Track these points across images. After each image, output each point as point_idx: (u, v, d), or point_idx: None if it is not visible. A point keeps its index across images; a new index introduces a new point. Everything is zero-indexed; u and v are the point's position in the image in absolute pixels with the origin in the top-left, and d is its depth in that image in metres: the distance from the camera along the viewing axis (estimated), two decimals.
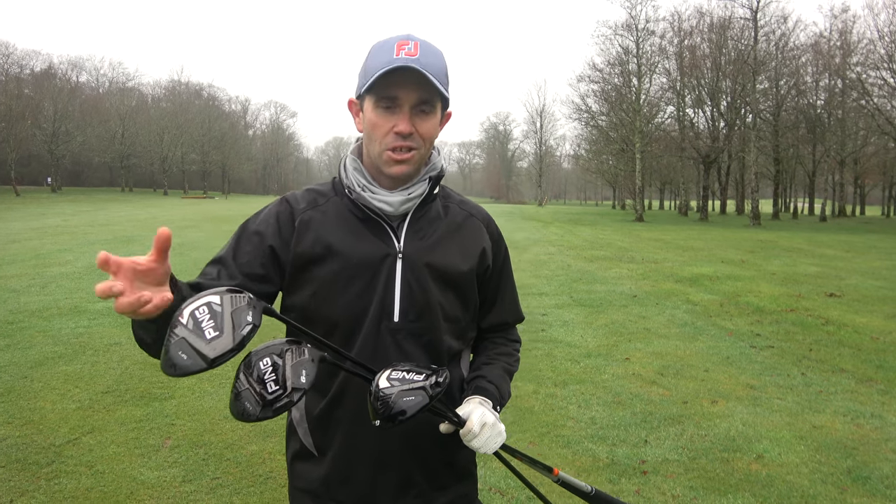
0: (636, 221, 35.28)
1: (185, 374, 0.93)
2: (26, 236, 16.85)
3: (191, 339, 0.94)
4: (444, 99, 1.28)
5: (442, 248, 1.35)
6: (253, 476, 3.49)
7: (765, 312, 8.29)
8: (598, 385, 5.18)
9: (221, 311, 0.97)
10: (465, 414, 1.26)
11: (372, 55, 1.27)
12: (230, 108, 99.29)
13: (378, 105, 1.25)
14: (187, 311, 0.97)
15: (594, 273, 12.03)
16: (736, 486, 3.44)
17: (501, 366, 1.46)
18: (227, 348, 0.94)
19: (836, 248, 18.33)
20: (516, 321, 1.57)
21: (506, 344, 1.53)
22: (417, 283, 1.31)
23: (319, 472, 1.35)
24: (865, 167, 45.81)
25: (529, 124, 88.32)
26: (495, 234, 1.47)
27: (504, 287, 1.51)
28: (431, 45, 1.27)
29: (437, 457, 1.37)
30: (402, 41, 1.24)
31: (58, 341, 6.16)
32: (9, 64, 58.67)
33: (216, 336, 0.95)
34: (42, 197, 46.77)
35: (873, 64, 35.38)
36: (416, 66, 1.20)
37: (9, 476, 3.42)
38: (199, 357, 0.93)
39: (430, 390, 1.06)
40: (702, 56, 39.76)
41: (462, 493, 1.42)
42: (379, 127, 1.26)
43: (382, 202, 1.30)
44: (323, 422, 1.34)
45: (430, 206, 1.38)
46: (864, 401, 4.87)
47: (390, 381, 1.09)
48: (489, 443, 1.26)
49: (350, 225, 1.33)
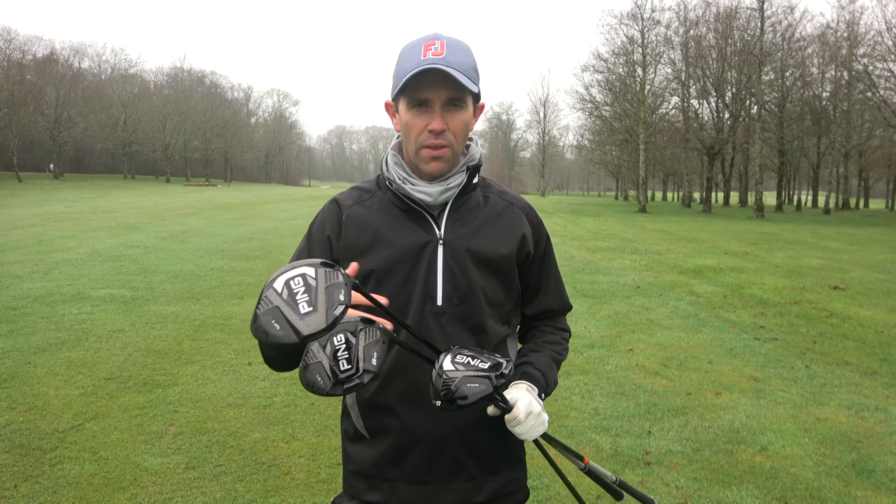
0: (639, 212, 35.21)
1: (276, 343, 0.91)
2: (29, 222, 16.85)
3: (284, 310, 0.91)
4: (474, 93, 1.33)
5: (482, 234, 1.39)
6: (256, 464, 3.49)
7: (768, 305, 8.26)
8: (602, 376, 5.17)
9: (316, 286, 0.94)
10: (513, 399, 1.26)
11: (402, 58, 1.32)
12: (233, 95, 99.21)
13: (410, 106, 1.31)
14: (282, 280, 0.94)
15: (597, 264, 12.00)
16: (740, 478, 3.43)
17: (549, 353, 1.48)
18: (320, 327, 0.91)
19: (840, 241, 18.27)
20: (563, 309, 1.58)
21: (553, 332, 1.55)
22: (459, 268, 1.36)
23: (371, 454, 1.38)
24: (870, 160, 45.51)
25: (533, 114, 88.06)
26: (535, 221, 1.50)
27: (548, 274, 1.53)
28: (458, 42, 1.31)
29: (488, 442, 1.39)
30: (429, 41, 1.28)
31: (61, 327, 6.16)
32: (11, 49, 58.46)
33: (310, 312, 0.91)
34: (44, 183, 46.76)
35: (880, 55, 35.12)
36: (443, 65, 1.24)
37: (13, 461, 3.42)
38: (291, 330, 0.90)
39: (494, 380, 1.06)
40: (707, 46, 39.46)
41: (512, 479, 1.44)
42: (413, 127, 1.31)
43: (422, 192, 1.35)
44: (374, 404, 1.37)
45: (469, 196, 1.42)
46: (869, 394, 4.85)
47: (455, 364, 1.08)
48: (532, 430, 1.27)
49: (393, 216, 1.39)
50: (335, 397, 1.01)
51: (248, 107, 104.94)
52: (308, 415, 4.16)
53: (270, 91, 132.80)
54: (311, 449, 3.68)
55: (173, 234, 14.92)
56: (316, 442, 3.77)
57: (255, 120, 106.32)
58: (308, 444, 3.75)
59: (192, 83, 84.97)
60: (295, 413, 4.18)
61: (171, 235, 14.51)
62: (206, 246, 12.82)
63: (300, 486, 3.26)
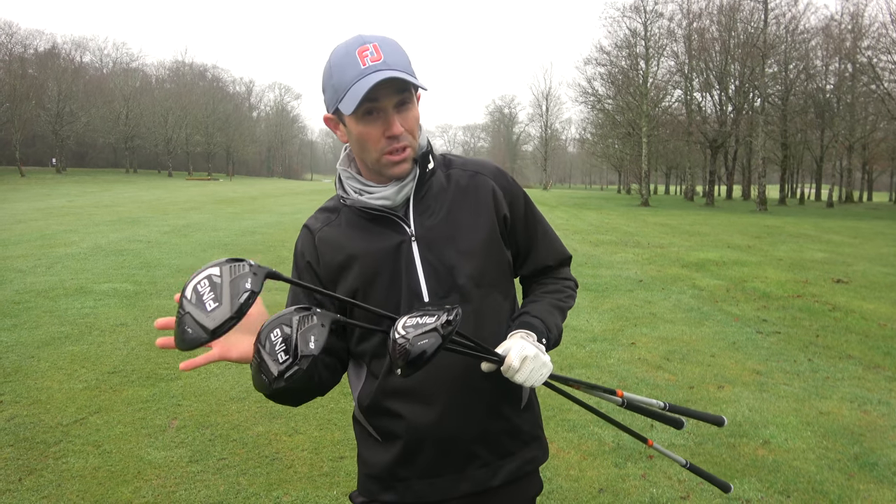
0: (642, 206, 35.13)
1: (192, 346, 0.97)
2: (32, 217, 16.89)
3: (194, 313, 0.97)
4: None
5: (452, 217, 1.36)
6: (259, 457, 3.50)
7: (771, 298, 8.25)
8: (604, 369, 5.17)
9: (220, 282, 0.99)
10: (504, 350, 1.24)
11: (336, 69, 1.25)
12: (234, 89, 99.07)
13: (361, 116, 1.26)
14: (190, 286, 0.99)
15: (599, 257, 11.99)
16: (742, 472, 3.44)
17: (548, 301, 1.46)
18: (225, 317, 0.96)
19: (843, 234, 18.22)
20: (561, 262, 1.54)
21: (554, 282, 1.52)
22: (439, 261, 1.33)
23: (383, 457, 1.38)
24: (874, 153, 45.30)
25: (535, 107, 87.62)
26: (506, 183, 1.44)
27: (534, 232, 1.48)
28: (387, 40, 1.26)
29: (498, 427, 1.37)
30: (361, 47, 1.23)
31: (64, 321, 6.18)
32: (12, 43, 58.39)
33: (216, 307, 0.97)
34: (47, 178, 46.83)
35: (884, 48, 34.91)
36: (389, 70, 1.21)
37: (17, 455, 3.44)
38: (201, 329, 0.96)
39: (441, 329, 1.05)
40: (710, 39, 39.26)
41: (529, 458, 1.43)
42: (369, 136, 1.27)
43: (381, 199, 1.33)
44: (376, 409, 1.37)
45: (430, 182, 1.38)
46: (872, 387, 4.85)
47: (405, 328, 1.08)
48: (534, 375, 1.23)
49: (361, 228, 1.37)
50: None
51: (249, 101, 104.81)
52: (311, 408, 4.17)
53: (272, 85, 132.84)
54: (314, 442, 3.69)
55: (176, 228, 14.93)
56: (319, 435, 3.78)
57: (256, 114, 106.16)
58: (311, 437, 3.76)
59: (194, 77, 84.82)
60: (297, 407, 4.19)
61: (174, 230, 14.53)
62: (209, 240, 12.84)
63: (303, 480, 3.27)
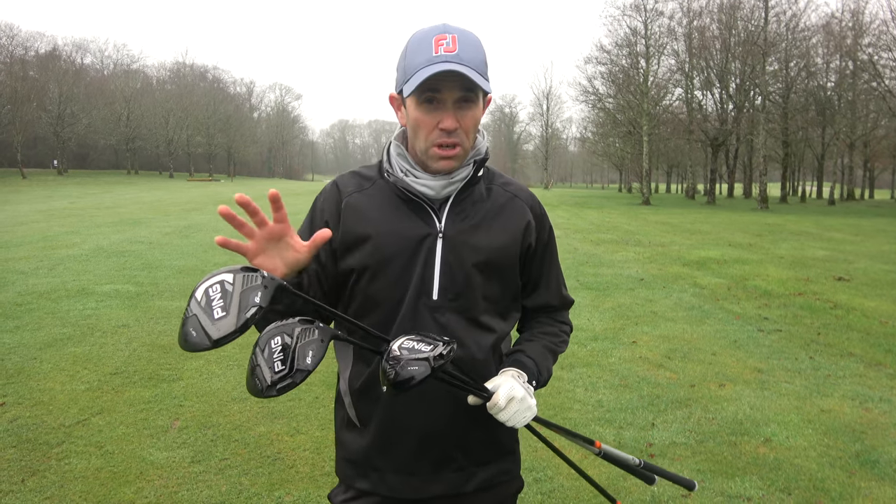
0: (643, 205, 35.09)
1: (193, 350, 0.97)
2: (33, 219, 16.91)
3: (201, 317, 0.98)
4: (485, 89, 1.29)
5: (483, 229, 1.37)
6: (261, 457, 3.51)
7: (773, 296, 8.25)
8: (605, 368, 5.17)
9: (232, 291, 0.99)
10: (494, 387, 1.26)
11: (410, 52, 1.27)
12: (235, 90, 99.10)
13: (420, 102, 1.26)
14: (202, 288, 1.00)
15: (601, 256, 11.98)
16: (743, 470, 3.44)
17: (543, 343, 1.47)
18: (228, 330, 0.97)
19: (844, 232, 18.19)
20: (563, 305, 1.56)
21: (552, 324, 1.54)
22: (457, 263, 1.33)
23: (362, 442, 1.39)
24: (875, 150, 45.24)
25: (536, 106, 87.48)
26: (539, 213, 1.47)
27: (549, 268, 1.51)
28: (468, 35, 1.27)
29: (478, 436, 1.39)
30: (440, 35, 1.24)
31: (66, 323, 6.19)
32: (13, 45, 58.44)
33: (222, 317, 0.98)
34: (48, 179, 46.86)
35: (885, 45, 34.85)
36: (458, 64, 1.21)
37: (20, 456, 3.45)
38: (204, 336, 0.97)
39: (432, 362, 1.07)
40: (711, 37, 39.21)
41: (504, 469, 1.44)
42: (424, 124, 1.28)
43: (425, 186, 1.33)
44: (365, 394, 1.37)
45: (473, 189, 1.39)
46: (873, 385, 4.84)
47: (401, 349, 1.10)
48: (516, 416, 1.26)
49: (393, 206, 1.36)
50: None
51: (250, 101, 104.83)
52: (312, 408, 4.18)
53: (273, 86, 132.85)
54: (316, 442, 3.69)
55: (177, 229, 14.95)
56: (320, 435, 3.79)
57: (257, 115, 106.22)
58: (312, 437, 3.76)
59: (195, 78, 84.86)
60: (299, 407, 4.20)
61: (175, 231, 14.54)
62: (210, 241, 12.84)
63: (305, 480, 3.28)
